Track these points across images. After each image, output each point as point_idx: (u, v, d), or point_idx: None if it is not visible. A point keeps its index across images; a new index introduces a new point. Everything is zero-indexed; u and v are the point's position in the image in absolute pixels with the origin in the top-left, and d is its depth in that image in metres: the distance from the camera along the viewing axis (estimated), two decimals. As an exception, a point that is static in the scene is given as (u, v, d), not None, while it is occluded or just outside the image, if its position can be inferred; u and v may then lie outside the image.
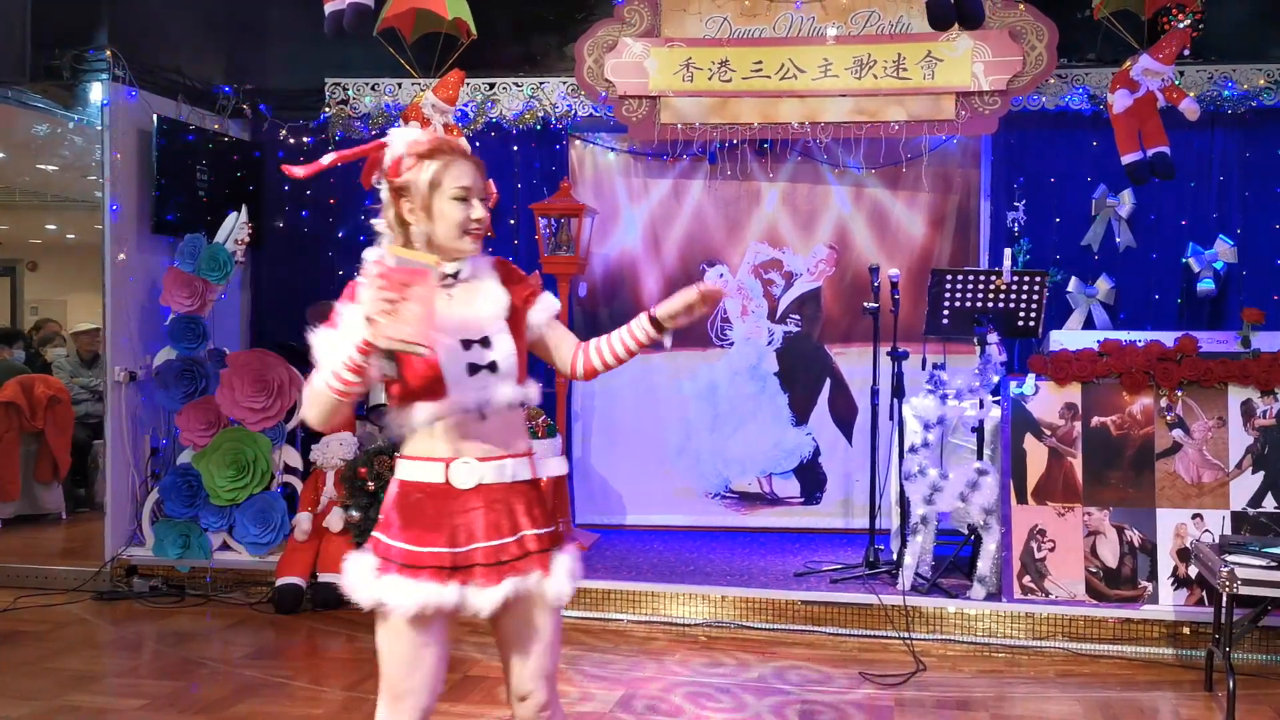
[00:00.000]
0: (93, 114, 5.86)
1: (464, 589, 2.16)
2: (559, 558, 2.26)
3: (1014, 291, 5.01)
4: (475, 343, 2.20)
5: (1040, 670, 4.46)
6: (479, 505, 2.19)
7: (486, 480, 2.20)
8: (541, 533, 2.25)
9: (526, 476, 2.26)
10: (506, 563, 2.19)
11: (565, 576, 2.25)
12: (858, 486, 6.31)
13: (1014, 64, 5.52)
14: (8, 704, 3.91)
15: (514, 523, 2.21)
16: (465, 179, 2.21)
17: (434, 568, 2.16)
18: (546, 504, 2.31)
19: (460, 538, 2.18)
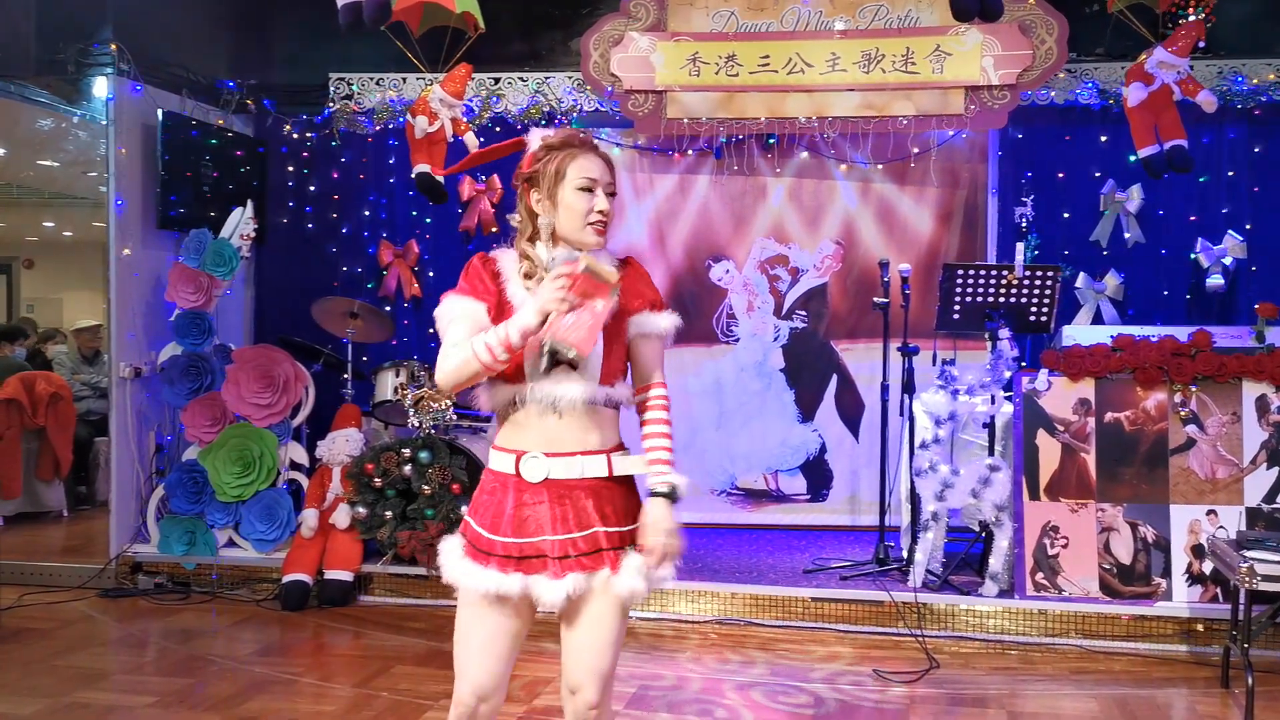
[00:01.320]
0: (97, 109, 5.81)
1: (528, 580, 2.19)
2: (631, 556, 2.23)
3: (1026, 286, 4.98)
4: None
5: (1055, 667, 4.44)
6: (546, 499, 2.21)
7: (555, 475, 2.21)
8: (614, 530, 2.23)
9: (600, 473, 2.23)
10: (573, 557, 2.19)
11: (635, 575, 2.21)
12: (864, 483, 6.29)
13: (1024, 58, 5.50)
14: (16, 701, 3.88)
15: (583, 518, 2.21)
16: (592, 170, 2.25)
17: (500, 556, 2.21)
18: (627, 502, 2.28)
19: (528, 529, 2.22)
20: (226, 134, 6.25)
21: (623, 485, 2.29)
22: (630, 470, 2.29)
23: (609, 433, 2.28)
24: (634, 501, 2.31)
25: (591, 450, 2.23)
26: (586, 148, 2.27)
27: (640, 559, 2.22)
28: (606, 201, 2.25)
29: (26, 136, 6.97)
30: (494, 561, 2.21)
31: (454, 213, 6.32)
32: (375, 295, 6.42)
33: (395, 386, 5.63)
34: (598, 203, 2.24)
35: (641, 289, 2.33)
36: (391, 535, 5.23)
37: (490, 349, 2.14)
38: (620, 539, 2.23)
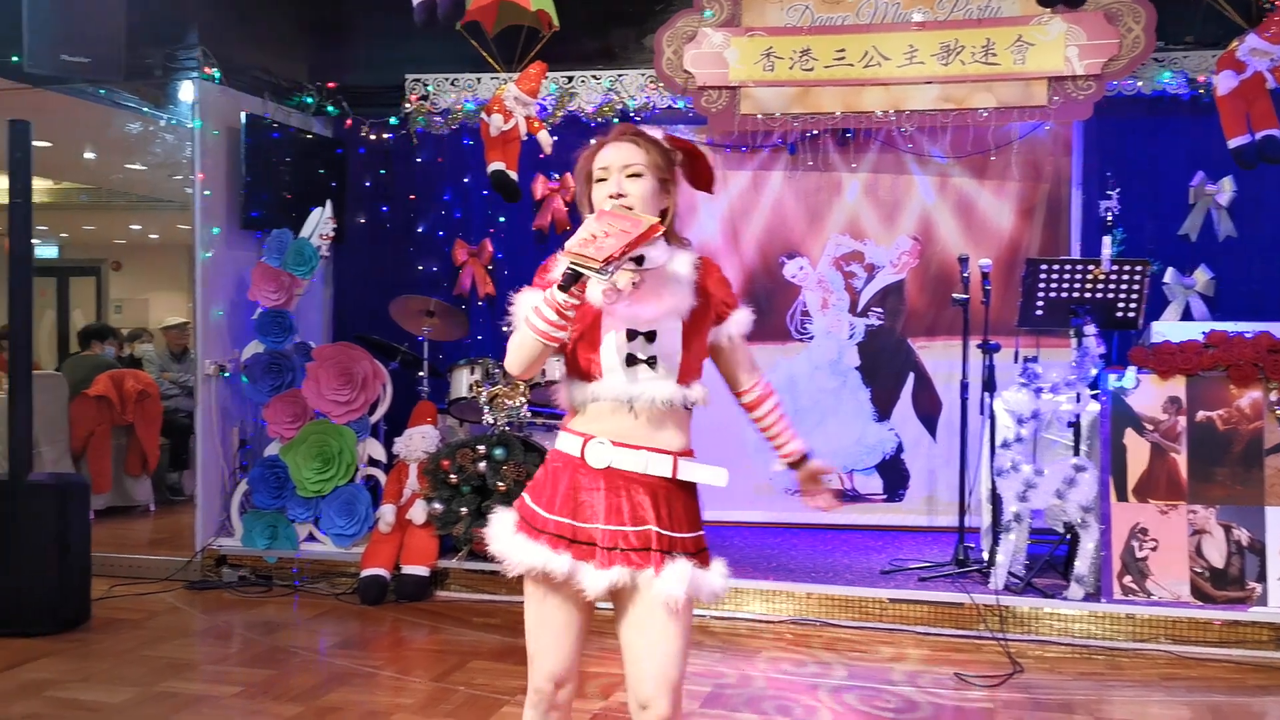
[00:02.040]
0: (183, 112, 5.96)
1: (577, 563, 2.17)
2: (679, 562, 2.17)
3: (1113, 281, 4.85)
4: (640, 335, 2.19)
5: (1143, 673, 4.31)
6: (603, 487, 2.20)
7: (617, 465, 2.19)
8: (669, 534, 2.18)
9: (663, 473, 2.20)
10: (621, 550, 2.16)
11: (676, 579, 2.15)
12: (942, 483, 6.18)
13: (1110, 47, 5.34)
14: (109, 690, 3.98)
15: (637, 514, 2.18)
16: (604, 160, 2.23)
17: (553, 535, 2.20)
18: (686, 508, 2.24)
19: (583, 514, 2.20)
20: (305, 135, 6.36)
21: (684, 491, 2.24)
22: (695, 477, 2.23)
23: (680, 435, 2.24)
24: (693, 510, 2.25)
25: (659, 449, 2.20)
26: (608, 141, 2.25)
27: (687, 566, 2.18)
28: (619, 184, 2.18)
29: (116, 140, 7.18)
30: (545, 538, 2.19)
31: (527, 211, 6.35)
32: (450, 294, 6.49)
33: (470, 384, 5.67)
34: (606, 188, 2.20)
35: (717, 292, 2.29)
36: (467, 531, 5.27)
37: (538, 313, 2.12)
38: (671, 543, 2.18)
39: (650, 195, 2.20)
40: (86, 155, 8.12)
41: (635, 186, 2.19)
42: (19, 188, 4.75)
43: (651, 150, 2.23)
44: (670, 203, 2.25)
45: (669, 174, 2.25)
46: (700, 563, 2.22)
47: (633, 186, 2.19)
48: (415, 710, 3.79)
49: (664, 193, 2.24)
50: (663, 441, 2.20)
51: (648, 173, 2.20)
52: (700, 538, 2.26)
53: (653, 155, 2.22)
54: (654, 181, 2.21)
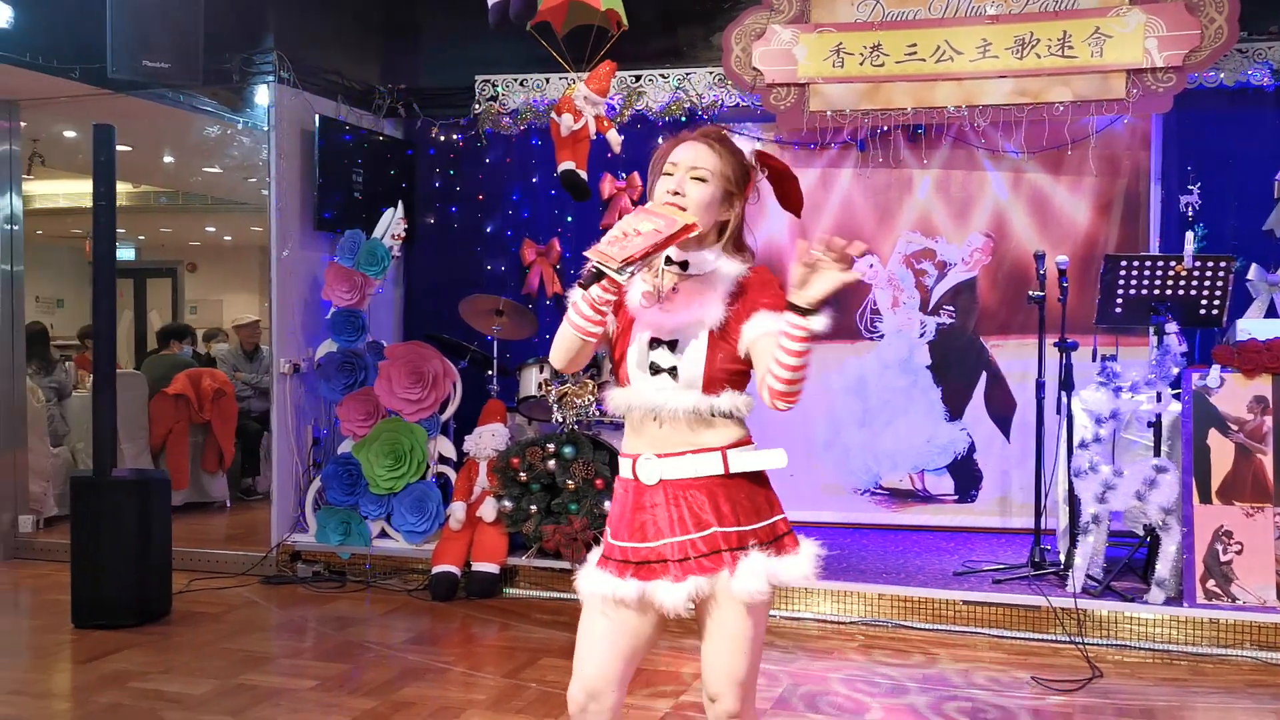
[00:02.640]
0: (259, 116, 6.08)
1: (646, 585, 2.14)
2: (752, 556, 2.12)
3: (1195, 278, 4.72)
4: (664, 344, 2.15)
5: (1228, 680, 4.19)
6: (662, 501, 2.16)
7: (668, 476, 2.15)
8: (736, 529, 2.13)
9: (714, 471, 2.14)
10: (693, 559, 2.12)
11: (751, 575, 2.10)
12: (1016, 484, 6.07)
13: (1191, 38, 5.21)
14: (191, 681, 4.07)
15: (699, 519, 2.13)
16: (676, 156, 2.18)
17: (618, 561, 2.19)
18: (752, 499, 2.16)
19: (647, 533, 2.17)
20: (377, 137, 6.45)
21: (745, 482, 2.17)
22: (749, 466, 2.16)
23: (726, 430, 2.17)
24: (759, 498, 2.17)
25: (703, 448, 2.14)
26: (688, 138, 2.20)
27: (761, 557, 2.11)
28: (681, 183, 2.13)
29: (194, 144, 7.35)
30: (612, 565, 2.19)
31: (596, 211, 6.38)
32: (518, 293, 6.53)
33: (539, 383, 5.70)
34: (669, 183, 2.15)
35: (756, 297, 2.14)
36: (536, 529, 5.30)
37: (575, 307, 2.11)
38: (739, 539, 2.13)
39: (709, 202, 2.15)
40: (166, 159, 8.32)
41: (695, 190, 2.14)
42: (103, 190, 4.87)
43: (726, 158, 2.18)
44: (732, 215, 2.19)
45: (738, 187, 2.19)
46: (779, 549, 2.16)
47: (693, 189, 2.14)
48: (487, 706, 3.82)
49: (726, 204, 2.18)
50: (708, 440, 2.15)
51: (713, 180, 2.15)
52: (775, 524, 2.18)
53: (725, 164, 2.17)
54: (717, 190, 2.15)
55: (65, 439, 7.32)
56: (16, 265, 6.41)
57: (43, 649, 4.59)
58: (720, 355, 2.13)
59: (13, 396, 6.38)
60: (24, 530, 6.37)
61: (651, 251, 1.99)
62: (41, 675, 4.30)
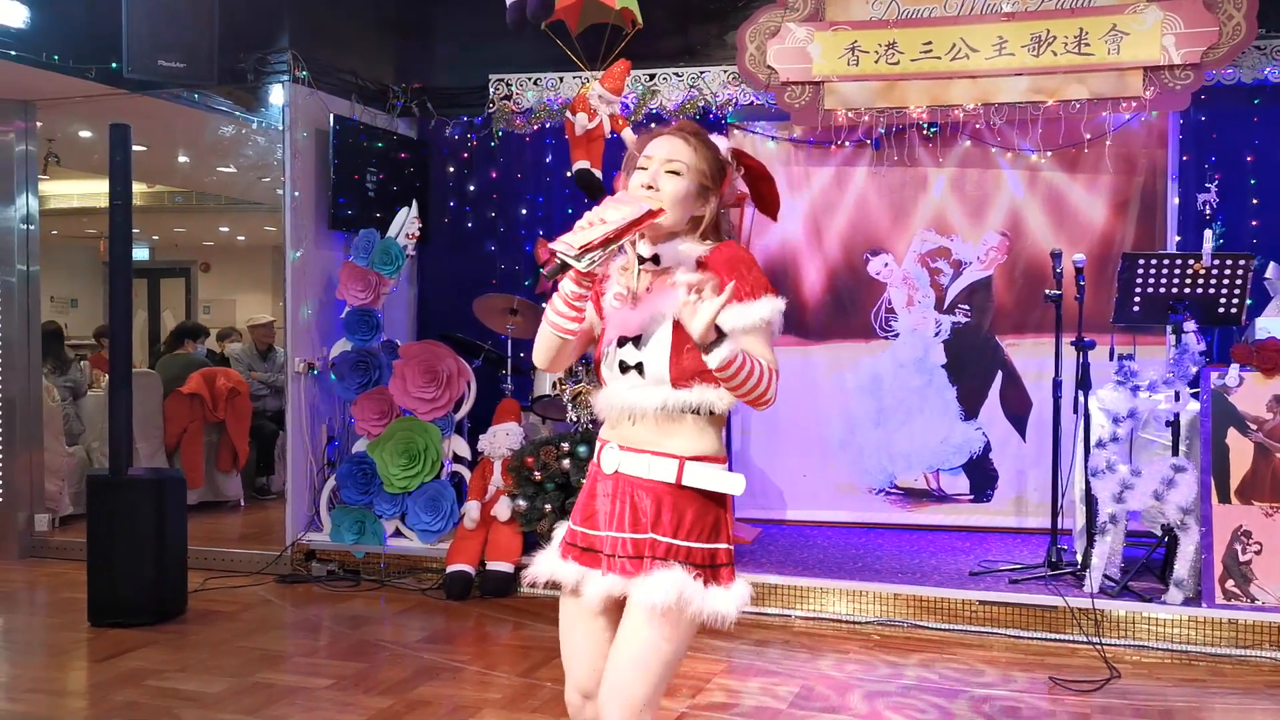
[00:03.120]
0: (273, 115, 6.09)
1: (584, 570, 2.14)
2: (673, 570, 2.02)
3: (1214, 277, 4.69)
4: (630, 340, 2.10)
5: (1247, 681, 4.16)
6: (612, 492, 2.13)
7: (623, 470, 2.11)
8: (669, 541, 2.05)
9: (666, 478, 2.07)
10: (619, 558, 2.09)
11: (661, 585, 2.00)
12: (1031, 484, 6.05)
13: (1209, 35, 5.18)
14: (207, 679, 4.08)
15: (637, 521, 2.08)
16: (650, 149, 2.14)
17: (567, 543, 2.21)
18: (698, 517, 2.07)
19: (596, 521, 2.16)
20: (391, 136, 6.46)
21: (698, 498, 2.07)
22: (702, 483, 2.06)
23: (696, 439, 2.08)
24: (708, 519, 2.08)
25: (665, 453, 2.07)
26: (664, 132, 2.16)
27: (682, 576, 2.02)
28: (655, 176, 2.09)
29: (209, 144, 7.37)
30: (562, 547, 2.21)
31: (609, 210, 6.36)
32: (531, 292, 6.52)
33: (554, 382, 5.70)
34: (643, 177, 2.10)
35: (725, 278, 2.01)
36: (550, 528, 5.28)
37: (552, 305, 2.11)
38: (668, 551, 2.04)
39: (683, 196, 2.10)
40: (180, 159, 8.35)
41: (670, 183, 2.09)
42: (119, 190, 4.88)
43: (701, 152, 2.13)
44: (707, 210, 2.14)
45: (713, 182, 2.14)
46: (711, 578, 2.06)
47: (668, 183, 2.09)
48: (502, 705, 3.82)
49: (700, 199, 2.13)
50: (673, 446, 2.07)
51: (688, 174, 2.11)
52: (714, 551, 2.08)
53: (700, 158, 2.13)
54: (692, 183, 2.11)
55: (80, 438, 7.35)
56: (33, 265, 6.43)
57: (59, 647, 4.60)
58: (687, 346, 2.02)
59: (29, 396, 6.40)
60: (40, 529, 6.40)
61: (614, 237, 1.96)
62: (58, 673, 4.31)
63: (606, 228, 1.95)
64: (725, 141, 2.22)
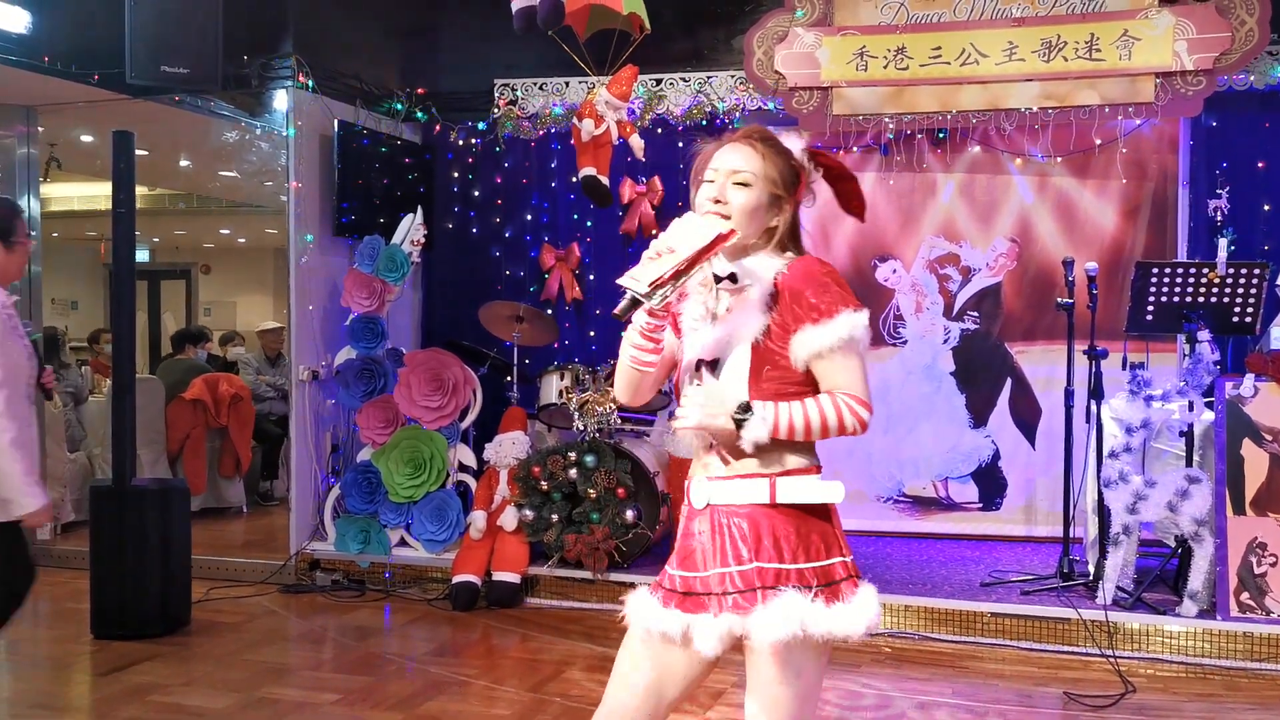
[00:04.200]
0: (277, 121, 6.04)
1: (690, 618, 1.99)
2: (785, 597, 1.90)
3: (1229, 285, 4.65)
4: (706, 363, 2.02)
5: (1263, 695, 4.12)
6: (708, 528, 2.01)
7: (715, 501, 2.01)
8: (770, 567, 1.93)
9: (760, 499, 1.96)
10: (731, 594, 1.94)
11: (776, 619, 1.88)
12: (1041, 492, 6.00)
13: (1221, 41, 5.13)
14: (212, 694, 4.04)
15: (738, 552, 1.96)
16: (715, 162, 2.04)
17: (666, 589, 2.06)
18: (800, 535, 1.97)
19: (694, 561, 2.03)
20: (396, 142, 6.41)
21: (796, 515, 1.96)
22: (798, 497, 1.96)
23: (785, 455, 1.98)
24: (813, 535, 1.97)
25: (752, 474, 1.97)
26: (729, 140, 2.06)
27: (796, 601, 1.90)
28: (722, 189, 2.00)
29: (212, 148, 7.32)
30: (661, 592, 2.05)
31: (615, 216, 6.32)
32: (537, 298, 6.48)
33: (560, 390, 5.66)
34: (710, 190, 2.02)
35: (794, 301, 1.95)
36: (558, 538, 5.25)
37: (628, 340, 2.02)
38: (777, 577, 1.92)
39: (753, 208, 2.00)
40: (183, 163, 8.30)
41: (739, 196, 2.00)
42: (122, 198, 4.84)
43: (770, 159, 2.02)
44: (781, 220, 2.04)
45: (785, 189, 2.03)
46: (833, 595, 1.95)
47: (736, 195, 2.00)
48: (512, 721, 3.78)
49: (774, 208, 2.03)
50: (761, 465, 1.97)
51: (757, 183, 2.00)
52: (829, 568, 1.97)
53: (769, 165, 2.02)
54: (762, 194, 2.01)
55: (82, 444, 7.30)
56: (34, 270, 6.37)
57: (63, 660, 4.56)
58: (766, 368, 1.96)
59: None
60: (42, 537, 6.35)
61: (684, 270, 1.89)
62: (63, 687, 4.27)
63: (676, 259, 1.88)
64: (798, 142, 2.10)
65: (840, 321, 1.93)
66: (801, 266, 1.99)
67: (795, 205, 2.08)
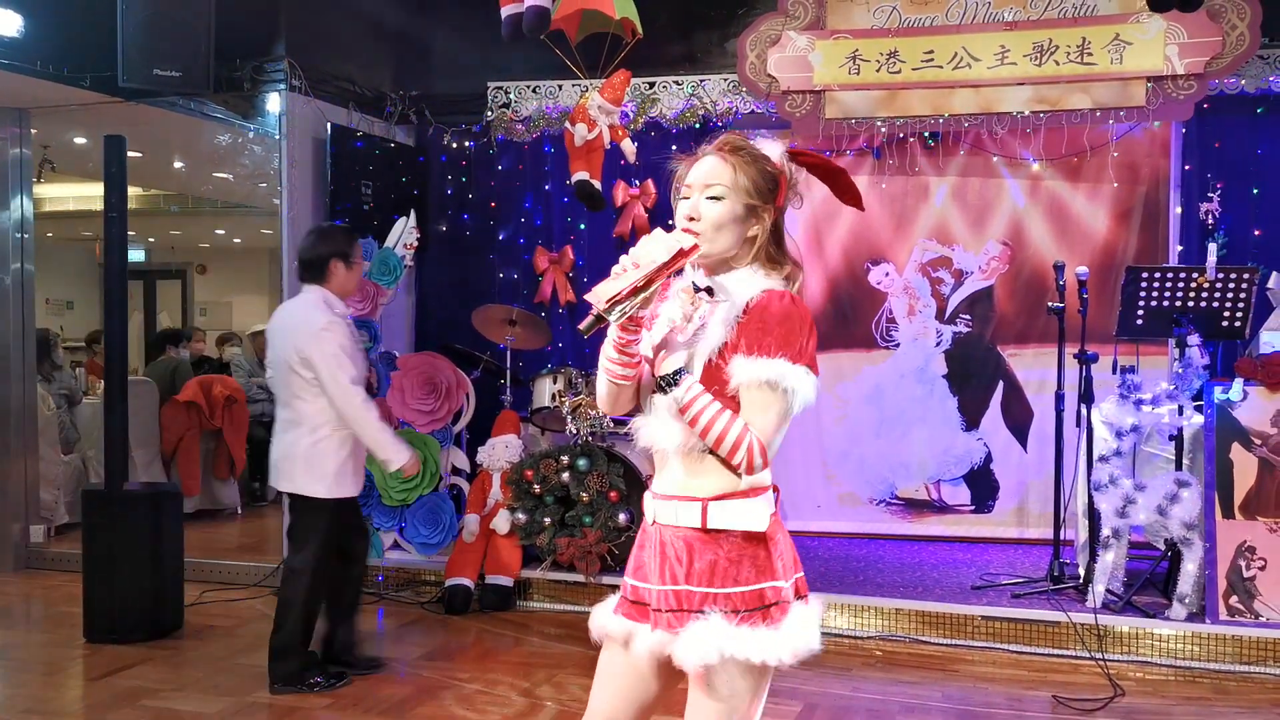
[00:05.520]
0: (270, 123, 6.04)
1: (633, 626, 2.06)
2: (704, 622, 1.92)
3: (1218, 290, 4.67)
4: (666, 376, 2.00)
5: (1251, 698, 4.14)
6: (655, 542, 2.05)
7: (659, 519, 2.04)
8: (698, 590, 1.95)
9: (693, 523, 1.97)
10: (665, 612, 1.99)
11: (696, 643, 1.91)
12: (1033, 495, 6.03)
13: (1212, 45, 5.15)
14: (204, 699, 4.04)
15: (673, 572, 1.99)
16: (691, 176, 2.03)
17: (622, 597, 2.13)
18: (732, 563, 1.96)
19: (642, 572, 2.08)
20: (389, 144, 6.41)
21: (729, 539, 1.96)
22: (727, 524, 1.95)
23: (716, 479, 1.97)
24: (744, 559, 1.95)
25: (689, 496, 1.98)
26: (704, 152, 2.04)
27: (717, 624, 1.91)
28: (695, 206, 1.99)
29: (205, 151, 7.32)
30: (617, 601, 2.13)
31: (608, 218, 6.33)
32: (530, 301, 6.49)
33: (553, 393, 5.66)
34: (685, 207, 2.00)
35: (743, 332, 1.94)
36: (550, 542, 5.26)
37: (605, 354, 2.03)
38: (704, 601, 1.94)
39: (726, 221, 1.98)
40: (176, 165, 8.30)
41: (710, 210, 1.97)
42: (114, 202, 4.85)
43: (741, 169, 1.99)
44: (760, 229, 2.01)
45: (761, 198, 2.00)
46: (762, 619, 1.93)
47: (708, 210, 1.97)
48: (504, 726, 3.79)
49: (750, 218, 2.00)
50: (698, 488, 1.98)
51: (730, 196, 1.98)
52: (761, 591, 1.95)
53: (741, 175, 1.99)
54: (736, 206, 1.98)
55: (76, 446, 7.30)
56: (27, 270, 6.38)
57: (56, 664, 4.56)
58: (715, 386, 1.95)
59: (24, 403, 6.35)
60: (35, 540, 6.35)
61: (642, 286, 1.88)
62: (55, 692, 4.27)
63: (635, 275, 1.88)
64: (777, 146, 2.07)
65: (772, 365, 1.90)
66: (770, 301, 1.95)
67: (776, 213, 2.05)
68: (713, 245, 1.99)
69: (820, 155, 2.13)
